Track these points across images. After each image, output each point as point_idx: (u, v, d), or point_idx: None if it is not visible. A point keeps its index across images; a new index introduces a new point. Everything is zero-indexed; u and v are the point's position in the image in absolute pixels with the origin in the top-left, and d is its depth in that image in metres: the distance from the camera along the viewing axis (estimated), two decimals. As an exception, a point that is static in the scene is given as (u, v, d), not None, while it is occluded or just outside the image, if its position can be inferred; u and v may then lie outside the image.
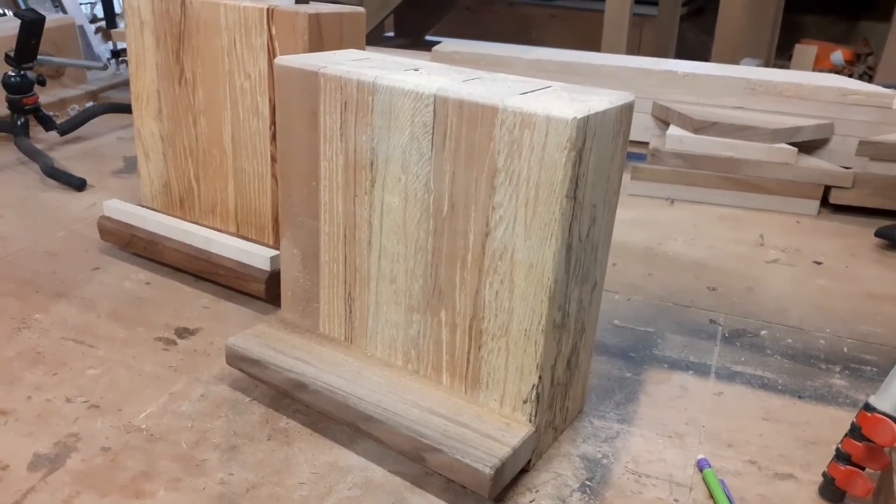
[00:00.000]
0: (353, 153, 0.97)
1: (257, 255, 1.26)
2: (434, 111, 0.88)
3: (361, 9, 1.29)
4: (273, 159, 1.30)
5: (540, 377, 0.90)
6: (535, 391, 0.90)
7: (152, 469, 0.94)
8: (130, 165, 1.96)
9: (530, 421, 0.92)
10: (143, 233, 1.40)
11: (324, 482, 0.93)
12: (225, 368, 1.13)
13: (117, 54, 2.56)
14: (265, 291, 1.26)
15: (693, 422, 1.05)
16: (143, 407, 1.05)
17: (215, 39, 1.29)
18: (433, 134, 0.89)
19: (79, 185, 1.77)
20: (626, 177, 1.85)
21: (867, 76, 4.39)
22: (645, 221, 1.67)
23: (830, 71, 4.31)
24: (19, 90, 1.92)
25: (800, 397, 1.10)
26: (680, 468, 0.96)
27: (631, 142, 1.95)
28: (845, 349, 1.22)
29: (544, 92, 0.87)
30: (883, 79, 2.70)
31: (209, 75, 1.32)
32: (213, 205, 1.42)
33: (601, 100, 0.85)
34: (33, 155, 1.86)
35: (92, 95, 2.44)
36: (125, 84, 2.56)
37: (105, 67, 2.29)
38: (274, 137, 1.29)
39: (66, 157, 2.01)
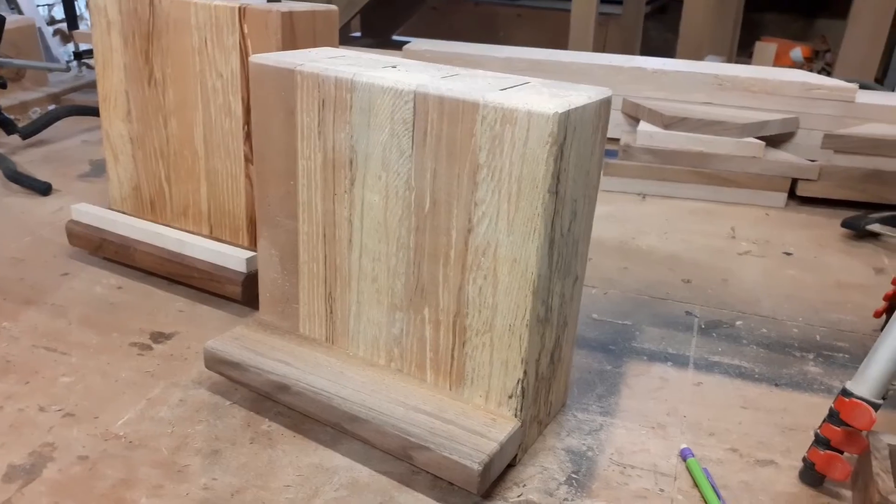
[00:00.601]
0: (331, 151, 0.96)
1: (233, 257, 1.25)
2: (414, 108, 0.87)
3: (334, 7, 1.28)
4: (247, 160, 1.28)
5: (525, 372, 0.90)
6: (520, 386, 0.91)
7: (132, 476, 0.92)
8: (97, 169, 1.92)
9: (516, 416, 0.92)
10: (113, 237, 1.37)
11: (309, 484, 0.92)
12: (203, 373, 1.12)
13: (79, 56, 2.50)
14: (241, 294, 1.25)
15: (674, 412, 1.06)
16: (121, 414, 1.03)
17: (185, 39, 1.27)
18: (413, 131, 0.88)
19: (43, 189, 1.73)
20: (599, 173, 1.87)
21: (825, 72, 4.49)
22: (618, 216, 1.69)
23: (790, 67, 4.41)
24: (-22, 93, 1.87)
25: (776, 385, 1.12)
26: (664, 458, 0.97)
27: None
28: (818, 337, 1.25)
29: (524, 87, 0.88)
30: (841, 74, 2.77)
31: (180, 75, 1.30)
32: (185, 207, 1.39)
33: (580, 95, 0.85)
34: (-6, 160, 1.81)
35: (54, 98, 2.39)
36: (88, 86, 2.51)
37: (67, 69, 2.23)
38: (248, 137, 1.27)
39: (30, 160, 1.96)
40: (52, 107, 2.37)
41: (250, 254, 1.25)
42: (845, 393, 0.88)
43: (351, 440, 0.98)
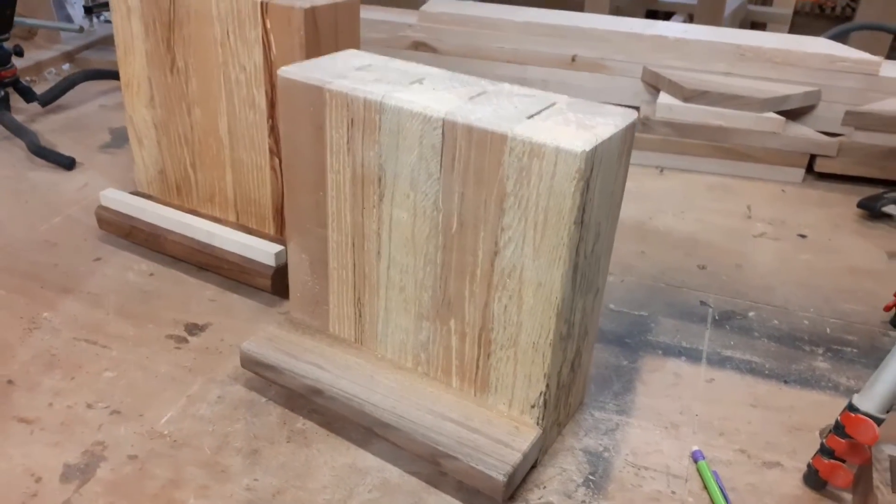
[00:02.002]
0: (360, 167, 0.98)
1: (261, 251, 1.28)
2: (443, 134, 0.89)
3: (356, -3, 1.27)
4: (271, 152, 1.30)
5: (547, 385, 0.95)
6: (542, 398, 0.96)
7: (180, 477, 0.99)
8: (117, 139, 1.93)
9: (538, 423, 0.98)
10: (143, 224, 1.40)
11: (344, 485, 0.98)
12: (238, 368, 1.17)
13: (90, 10, 2.47)
14: (271, 286, 1.29)
15: (687, 410, 1.11)
16: (164, 411, 1.09)
17: (207, 30, 1.27)
18: (442, 156, 0.90)
19: (68, 164, 1.75)
20: (617, 145, 1.87)
21: (850, 8, 4.36)
22: (636, 193, 1.70)
23: (814, 2, 4.28)
24: (-4, 63, 1.87)
25: (785, 382, 1.17)
26: (676, 459, 1.03)
27: (621, 105, 1.95)
28: (828, 330, 1.29)
29: (551, 114, 0.89)
30: (866, 10, 2.69)
31: (202, 65, 1.30)
32: (211, 193, 1.42)
33: (607, 124, 0.87)
34: (18, 131, 1.83)
35: (68, 56, 2.37)
36: (101, 43, 2.49)
37: (81, 30, 2.21)
38: (272, 130, 1.28)
39: (50, 129, 1.98)
40: (66, 66, 2.35)
41: (279, 248, 1.28)
42: (851, 408, 0.93)
43: (381, 440, 1.04)
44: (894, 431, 0.98)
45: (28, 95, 1.96)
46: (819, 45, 1.76)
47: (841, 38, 2.28)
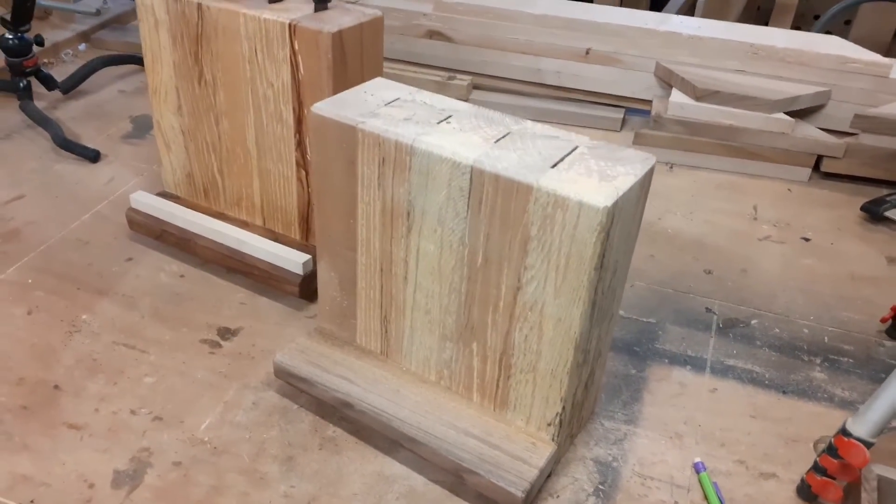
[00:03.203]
0: (390, 201, 1.03)
1: (290, 261, 1.34)
2: (471, 179, 0.94)
3: (379, 12, 1.30)
4: (298, 165, 1.35)
5: (563, 407, 1.02)
6: (558, 418, 1.03)
7: (222, 483, 1.08)
8: (139, 128, 1.97)
9: (553, 440, 1.05)
10: (173, 228, 1.46)
11: (374, 492, 1.07)
12: (270, 373, 1.25)
13: (104, -13, 2.46)
14: (299, 292, 1.36)
15: (691, 421, 1.19)
16: (203, 418, 1.17)
17: (235, 46, 1.30)
18: (469, 198, 0.95)
19: (93, 157, 1.79)
20: (629, 140, 1.91)
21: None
22: (646, 191, 1.75)
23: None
24: (19, 53, 1.89)
25: (784, 392, 1.25)
26: (679, 469, 1.11)
27: (634, 99, 1.99)
28: (826, 339, 1.36)
29: (574, 161, 0.93)
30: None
31: (230, 79, 1.34)
32: (238, 198, 1.47)
33: (627, 174, 0.92)
34: (42, 123, 1.86)
35: (83, 36, 2.38)
36: (115, 21, 2.49)
37: (98, 13, 2.22)
38: (299, 145, 1.33)
39: (71, 116, 2.01)
40: (82, 46, 2.37)
41: (306, 257, 1.35)
42: (845, 433, 1.00)
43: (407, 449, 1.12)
44: (885, 445, 1.06)
45: (49, 83, 1.99)
46: (831, 46, 1.78)
47: (850, 11, 2.31)
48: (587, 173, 0.91)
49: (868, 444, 0.99)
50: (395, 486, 1.08)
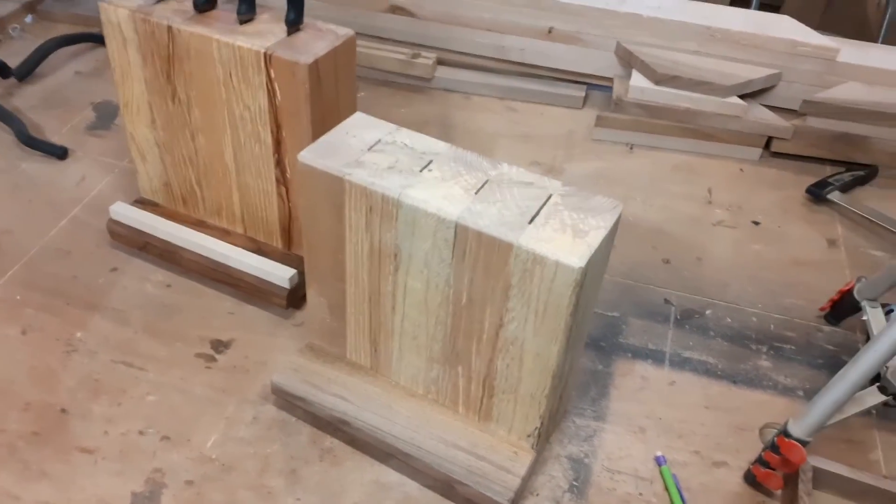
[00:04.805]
0: (377, 244, 1.10)
1: (276, 276, 1.40)
2: (455, 233, 1.01)
3: (351, 32, 1.31)
4: (278, 181, 1.39)
5: (542, 422, 1.14)
6: (537, 431, 1.15)
7: (234, 500, 1.18)
8: (102, 118, 1.95)
9: (533, 448, 1.18)
10: (156, 241, 1.50)
11: (373, 500, 1.18)
12: (266, 386, 1.33)
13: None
14: (286, 304, 1.43)
15: (652, 414, 1.33)
16: (208, 435, 1.26)
17: (209, 70, 1.31)
18: (454, 248, 1.03)
19: (61, 154, 1.78)
20: (591, 122, 1.97)
21: None
22: (607, 176, 1.84)
23: None
24: (-31, 44, 1.83)
25: (734, 382, 1.39)
26: (642, 462, 1.26)
27: (596, 76, 2.04)
28: (772, 326, 1.50)
29: (549, 215, 1.01)
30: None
31: (205, 99, 1.35)
32: (218, 208, 1.51)
33: (598, 228, 0.99)
34: (4, 118, 1.83)
35: (29, 7, 2.28)
36: (60, -11, 2.39)
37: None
38: (278, 163, 1.36)
39: (30, 105, 1.97)
40: (28, 18, 2.27)
41: (292, 271, 1.41)
42: (786, 434, 1.15)
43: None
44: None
45: (4, 72, 1.94)
46: (783, 29, 1.84)
47: None
48: (562, 228, 0.99)
49: (805, 443, 1.14)
50: (392, 492, 1.20)
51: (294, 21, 1.26)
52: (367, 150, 1.10)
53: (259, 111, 1.31)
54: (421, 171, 1.07)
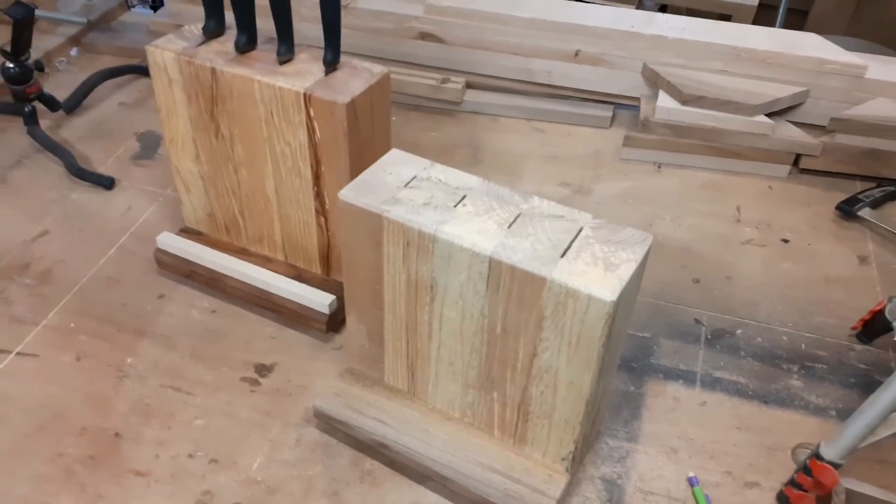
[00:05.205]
0: (414, 276, 1.15)
1: (317, 302, 1.46)
2: (489, 267, 1.05)
3: (385, 70, 1.36)
4: (317, 212, 1.44)
5: (575, 446, 1.17)
6: (571, 454, 1.19)
7: (280, 521, 1.23)
8: (146, 148, 2.03)
9: (567, 471, 1.21)
10: (202, 269, 1.56)
11: (413, 522, 1.23)
12: (308, 409, 1.38)
13: (88, -14, 2.44)
14: (326, 329, 1.48)
15: (684, 435, 1.35)
16: (253, 458, 1.32)
17: (251, 109, 1.37)
18: (488, 281, 1.07)
19: (108, 184, 1.86)
20: (618, 142, 2.00)
21: None
22: (635, 195, 1.87)
23: None
24: (21, 81, 1.92)
25: (765, 402, 1.41)
26: (675, 483, 1.28)
27: (623, 97, 2.06)
28: (803, 346, 1.51)
29: (581, 248, 1.04)
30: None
31: (247, 136, 1.41)
32: (259, 236, 1.57)
33: (629, 261, 1.03)
34: (54, 150, 1.92)
35: (74, 41, 2.38)
36: (103, 21, 2.49)
37: (88, 23, 2.21)
38: (317, 195, 1.42)
39: (77, 136, 2.06)
40: (73, 51, 2.37)
41: (331, 297, 1.46)
42: (818, 457, 1.17)
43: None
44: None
45: (53, 105, 2.03)
46: (810, 47, 1.86)
47: None
48: (593, 262, 1.03)
49: (837, 466, 1.16)
50: (430, 514, 1.24)
51: (332, 61, 1.32)
52: (403, 187, 1.15)
53: (299, 147, 1.37)
54: (455, 206, 1.12)
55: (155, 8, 2.37)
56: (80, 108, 2.15)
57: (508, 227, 1.08)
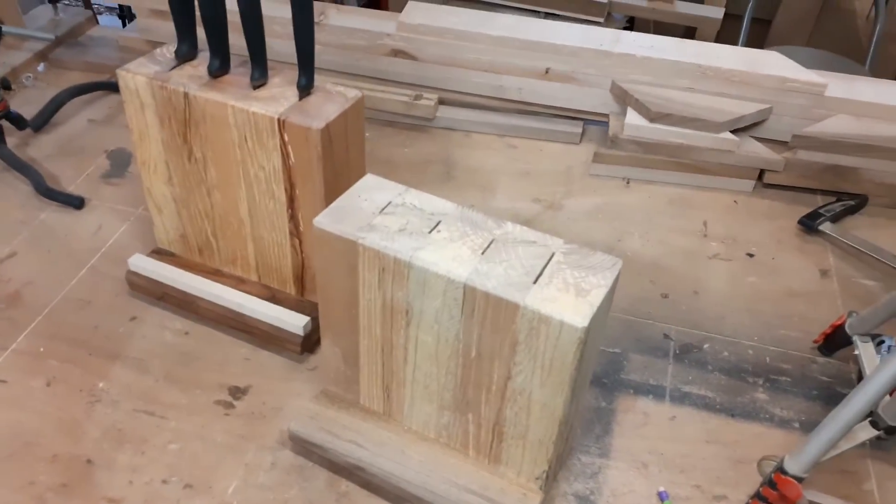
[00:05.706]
0: (390, 301, 1.16)
1: (291, 324, 1.46)
2: (464, 293, 1.07)
3: (360, 93, 1.38)
4: (291, 234, 1.45)
5: (549, 466, 1.19)
6: (545, 474, 1.21)
7: (257, 546, 1.23)
8: (116, 166, 2.01)
9: (541, 489, 1.23)
10: (175, 291, 1.56)
11: (390, 543, 1.24)
12: (283, 431, 1.38)
13: (54, 0, 2.41)
14: (300, 350, 1.48)
15: (654, 450, 1.38)
16: (228, 482, 1.32)
17: (224, 133, 1.37)
18: (463, 306, 1.09)
19: (78, 204, 1.85)
20: (588, 157, 2.03)
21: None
22: (605, 211, 1.90)
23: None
24: (-14, 99, 1.90)
25: (732, 416, 1.45)
26: (646, 498, 1.31)
27: (592, 113, 2.10)
28: (768, 359, 1.55)
29: (553, 274, 1.07)
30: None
31: (220, 159, 1.42)
32: (233, 258, 1.57)
33: (600, 286, 1.06)
34: (21, 169, 1.89)
35: (41, 56, 2.35)
36: (70, 36, 2.46)
37: (55, 39, 2.18)
38: (292, 217, 1.43)
39: (46, 154, 2.03)
40: (40, 67, 2.34)
41: (305, 319, 1.47)
42: (782, 471, 1.20)
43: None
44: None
45: (20, 124, 2.00)
46: (773, 66, 1.91)
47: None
48: (565, 288, 1.05)
49: (801, 479, 1.20)
50: (407, 535, 1.25)
51: (306, 86, 1.32)
52: (378, 213, 1.16)
53: (273, 171, 1.37)
54: (430, 232, 1.13)
55: (124, 22, 2.35)
56: (48, 126, 2.13)
57: (482, 253, 1.10)
